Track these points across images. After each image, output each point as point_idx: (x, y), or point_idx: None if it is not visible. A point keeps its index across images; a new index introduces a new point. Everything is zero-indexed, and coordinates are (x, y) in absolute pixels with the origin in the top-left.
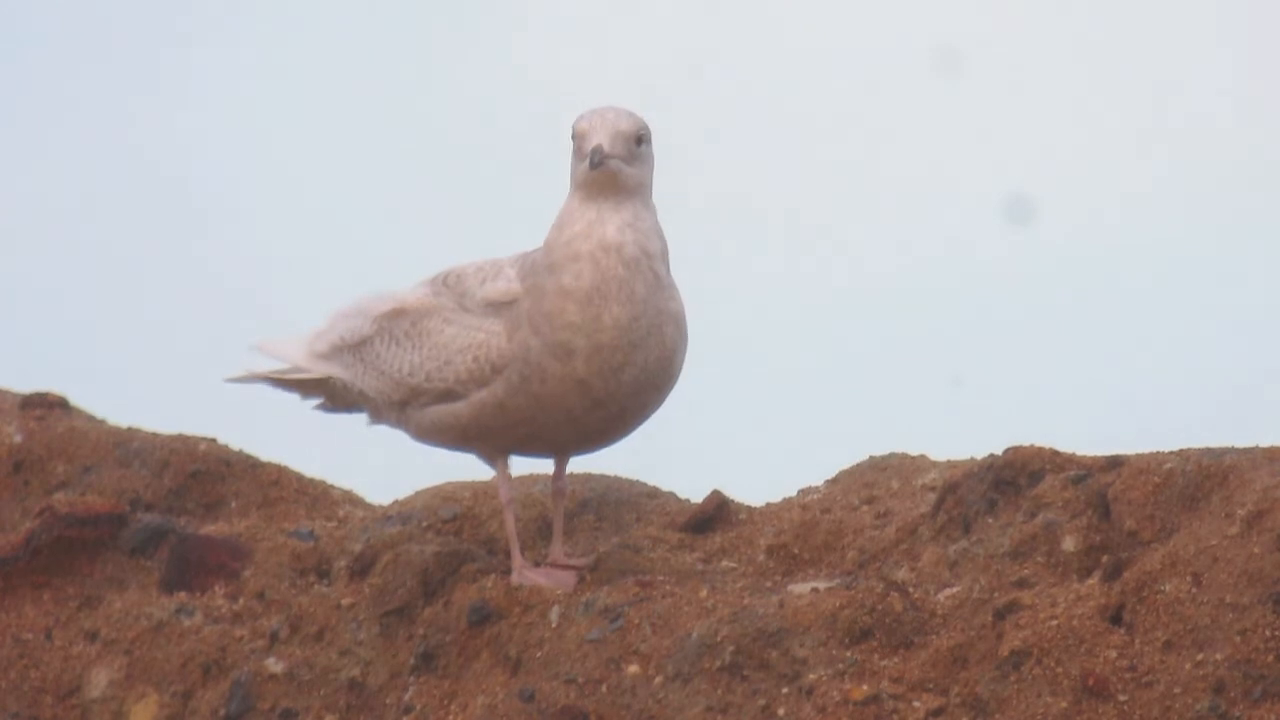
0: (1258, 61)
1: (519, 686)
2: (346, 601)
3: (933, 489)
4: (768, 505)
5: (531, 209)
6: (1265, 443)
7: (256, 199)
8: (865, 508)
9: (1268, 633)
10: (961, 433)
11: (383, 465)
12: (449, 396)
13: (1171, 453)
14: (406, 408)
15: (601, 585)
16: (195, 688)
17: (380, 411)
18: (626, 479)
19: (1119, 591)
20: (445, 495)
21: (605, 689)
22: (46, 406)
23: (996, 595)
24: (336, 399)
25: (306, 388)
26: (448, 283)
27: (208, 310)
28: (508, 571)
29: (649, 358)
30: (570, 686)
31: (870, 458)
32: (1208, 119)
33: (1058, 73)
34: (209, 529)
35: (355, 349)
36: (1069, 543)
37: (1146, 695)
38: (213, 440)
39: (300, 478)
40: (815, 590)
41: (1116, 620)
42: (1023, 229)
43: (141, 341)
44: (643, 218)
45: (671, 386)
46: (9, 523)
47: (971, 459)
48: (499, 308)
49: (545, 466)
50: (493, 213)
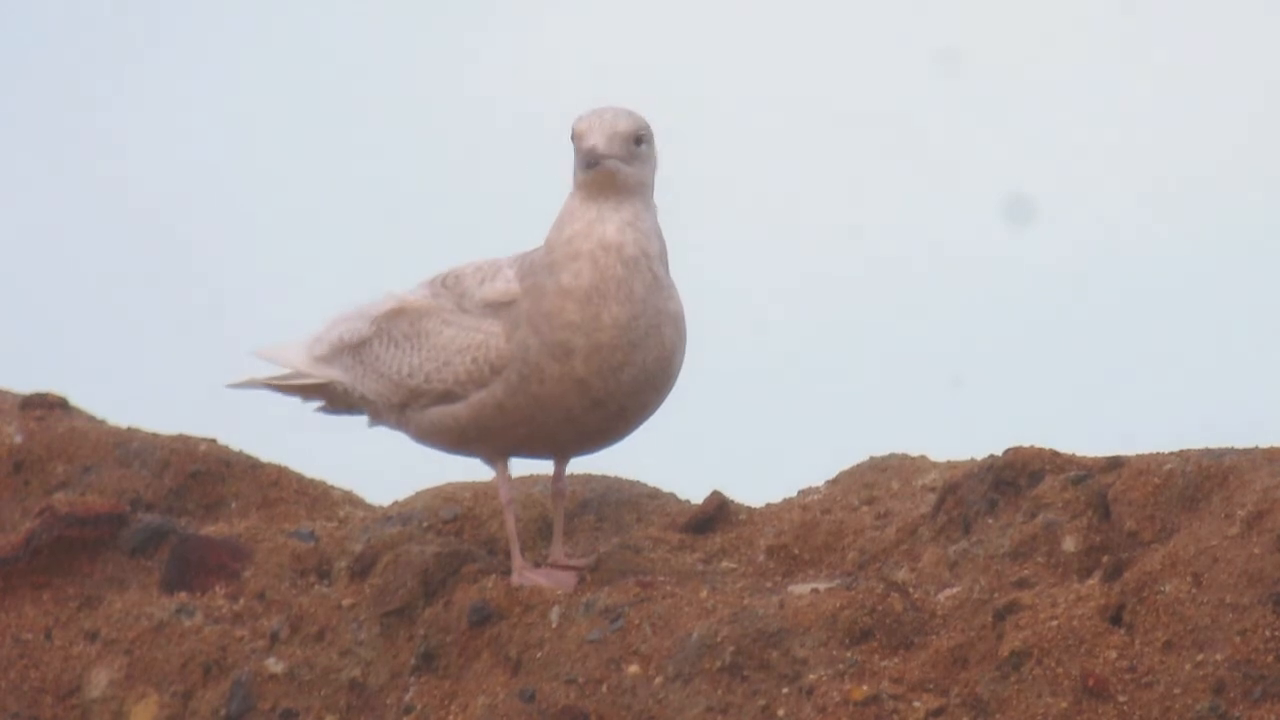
0: (1259, 61)
1: (519, 687)
2: (347, 602)
3: (933, 489)
4: (768, 506)
5: (531, 209)
6: (1265, 443)
7: (256, 199)
8: (865, 508)
9: (1268, 633)
10: (961, 433)
11: (383, 466)
12: (448, 398)
13: (1171, 453)
14: (406, 409)
15: (602, 586)
16: (195, 688)
17: (380, 413)
18: (627, 479)
19: (1119, 592)
20: (446, 496)
21: (605, 689)
22: (46, 407)
23: (996, 596)
24: (337, 401)
25: (308, 392)
26: (446, 284)
27: (208, 310)
28: (508, 572)
29: (648, 358)
30: (571, 687)
31: (870, 458)
32: (1208, 119)
33: (1058, 73)
34: (209, 529)
35: (354, 351)
36: (1069, 543)
37: (1146, 696)
38: (213, 441)
39: (300, 478)
40: (815, 591)
41: (1116, 621)
42: (1023, 229)
43: (141, 342)
44: (643, 218)
45: (671, 387)
46: (9, 523)
47: (971, 459)
48: (498, 308)
49: (545, 467)
50: (492, 213)
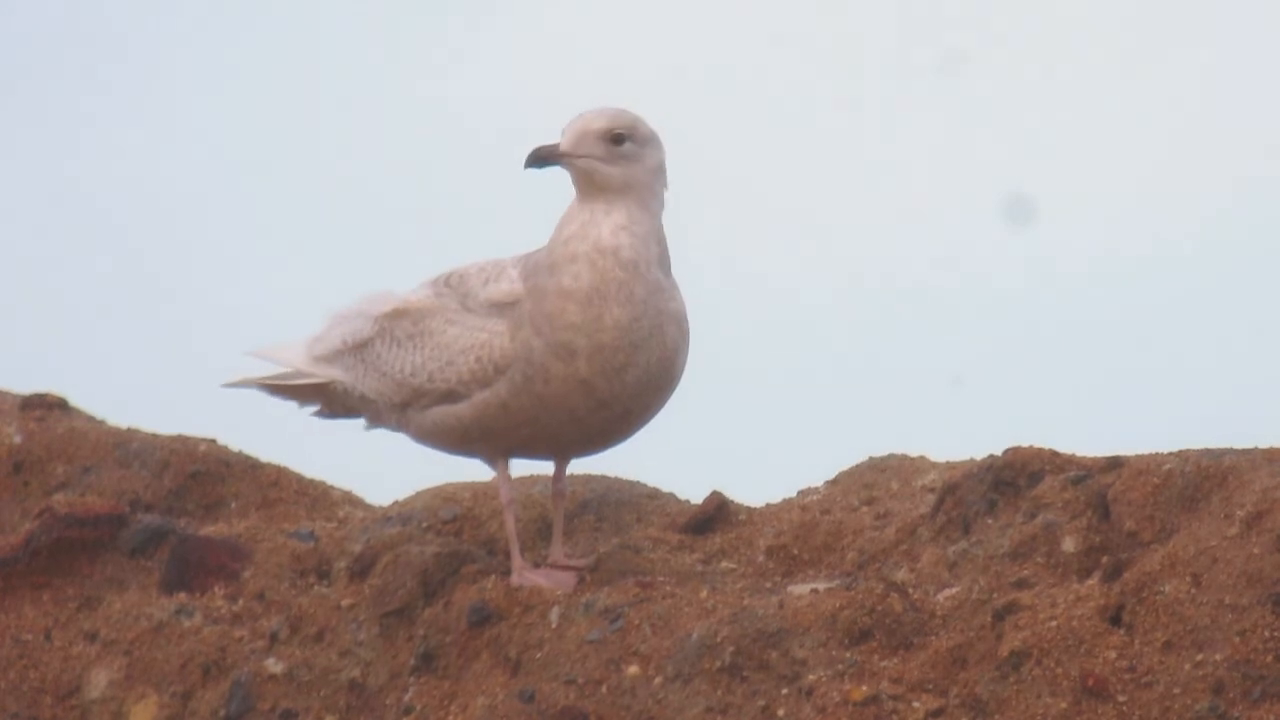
0: (1258, 61)
1: (519, 687)
2: (346, 602)
3: (932, 490)
4: (767, 506)
5: (531, 210)
6: (1265, 443)
7: (256, 199)
8: (865, 508)
9: (1267, 633)
10: (961, 433)
11: (382, 466)
12: (451, 397)
13: (1171, 453)
14: (408, 409)
15: (601, 586)
16: (195, 688)
17: (380, 414)
18: (627, 480)
19: (1119, 592)
20: (445, 496)
21: (605, 690)
22: (46, 407)
23: (996, 596)
24: (334, 404)
25: (303, 394)
26: (450, 283)
27: (208, 310)
28: (508, 572)
29: (651, 358)
30: (570, 687)
31: (870, 458)
32: (1208, 118)
33: (1058, 73)
34: (209, 530)
35: (356, 350)
36: (1069, 543)
37: (1146, 696)
38: (213, 441)
39: (300, 478)
40: (815, 591)
41: (1116, 621)
42: (1023, 229)
43: (141, 342)
44: (638, 220)
45: (674, 387)
46: (9, 523)
47: (971, 460)
48: (502, 308)
49: (545, 468)
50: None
